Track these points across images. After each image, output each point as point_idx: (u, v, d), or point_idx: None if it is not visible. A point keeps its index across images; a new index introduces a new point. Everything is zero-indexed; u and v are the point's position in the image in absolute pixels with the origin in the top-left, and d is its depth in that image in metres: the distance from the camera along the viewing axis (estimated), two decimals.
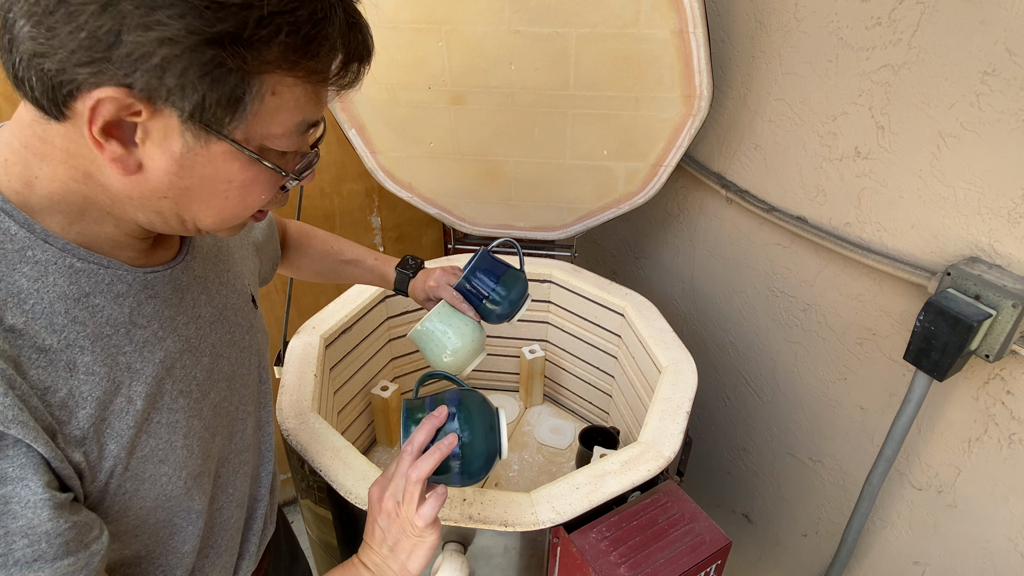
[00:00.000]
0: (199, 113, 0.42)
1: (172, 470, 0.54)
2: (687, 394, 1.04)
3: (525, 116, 1.23)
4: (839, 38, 1.01)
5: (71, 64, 0.39)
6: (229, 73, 0.41)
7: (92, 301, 0.48)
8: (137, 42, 0.38)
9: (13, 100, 1.22)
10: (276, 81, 0.44)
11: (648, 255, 1.66)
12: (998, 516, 0.97)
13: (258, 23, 0.40)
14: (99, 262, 0.49)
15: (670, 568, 0.80)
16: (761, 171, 1.24)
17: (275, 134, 0.47)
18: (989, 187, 0.87)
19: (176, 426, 0.55)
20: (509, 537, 0.86)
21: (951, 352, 0.87)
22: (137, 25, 0.38)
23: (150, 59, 0.39)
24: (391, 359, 1.42)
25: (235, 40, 0.40)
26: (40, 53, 0.39)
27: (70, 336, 0.47)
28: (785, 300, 1.26)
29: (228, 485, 0.66)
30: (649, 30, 1.08)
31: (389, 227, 1.77)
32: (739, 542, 1.55)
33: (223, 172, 0.46)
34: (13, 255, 0.45)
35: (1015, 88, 0.81)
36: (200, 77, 0.40)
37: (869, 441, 1.16)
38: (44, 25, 0.38)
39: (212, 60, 0.40)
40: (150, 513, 0.54)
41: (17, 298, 0.44)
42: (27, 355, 0.44)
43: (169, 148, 0.44)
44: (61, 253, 0.47)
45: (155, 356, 0.53)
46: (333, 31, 0.44)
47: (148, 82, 0.40)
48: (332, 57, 0.46)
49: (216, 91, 0.41)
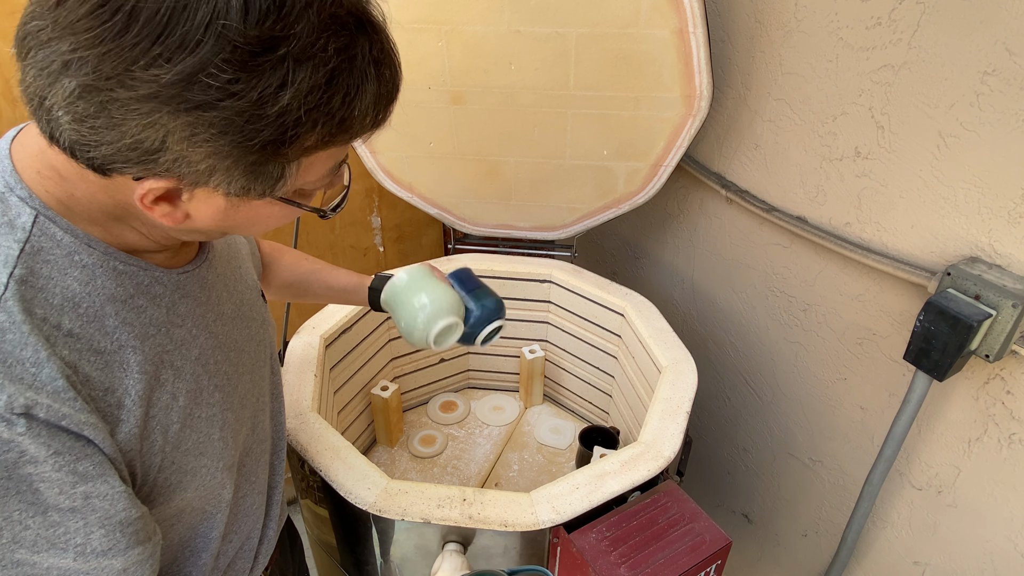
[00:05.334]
0: (244, 193, 0.45)
1: (211, 461, 0.57)
2: (687, 394, 1.04)
3: (525, 116, 1.23)
4: (839, 38, 1.01)
5: (118, 160, 0.40)
6: (270, 167, 0.43)
7: (137, 302, 0.50)
8: (183, 151, 0.40)
9: (14, 100, 1.22)
10: (309, 157, 0.45)
11: (648, 255, 1.66)
12: (998, 516, 0.97)
13: (295, 124, 0.41)
14: (138, 264, 0.50)
15: (670, 568, 0.80)
16: (761, 171, 1.24)
17: (311, 181, 0.48)
18: (989, 187, 0.87)
19: (213, 419, 0.57)
20: (509, 537, 0.86)
21: (951, 352, 0.87)
22: (182, 139, 0.39)
23: (197, 165, 0.41)
24: (391, 359, 1.42)
25: (278, 144, 0.41)
26: (84, 143, 0.40)
27: (121, 337, 0.48)
28: (785, 300, 1.26)
29: (251, 473, 0.68)
30: (649, 30, 1.08)
31: (389, 227, 1.77)
32: (739, 542, 1.55)
33: (264, 214, 0.50)
34: (63, 260, 0.46)
35: (1015, 88, 0.81)
36: (245, 175, 0.43)
37: (869, 441, 1.16)
38: (86, 125, 0.39)
39: (255, 162, 0.42)
40: (188, 503, 0.57)
41: (72, 302, 0.45)
42: (86, 358, 0.45)
43: (214, 204, 0.46)
44: (105, 256, 0.48)
45: (191, 353, 0.55)
46: (366, 102, 0.44)
47: (196, 179, 0.42)
48: (366, 123, 0.46)
49: (259, 181, 0.44)
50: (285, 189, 0.46)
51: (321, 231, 1.65)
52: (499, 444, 1.40)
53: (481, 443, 1.41)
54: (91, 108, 0.38)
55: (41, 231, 0.45)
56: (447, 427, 1.45)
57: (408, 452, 1.38)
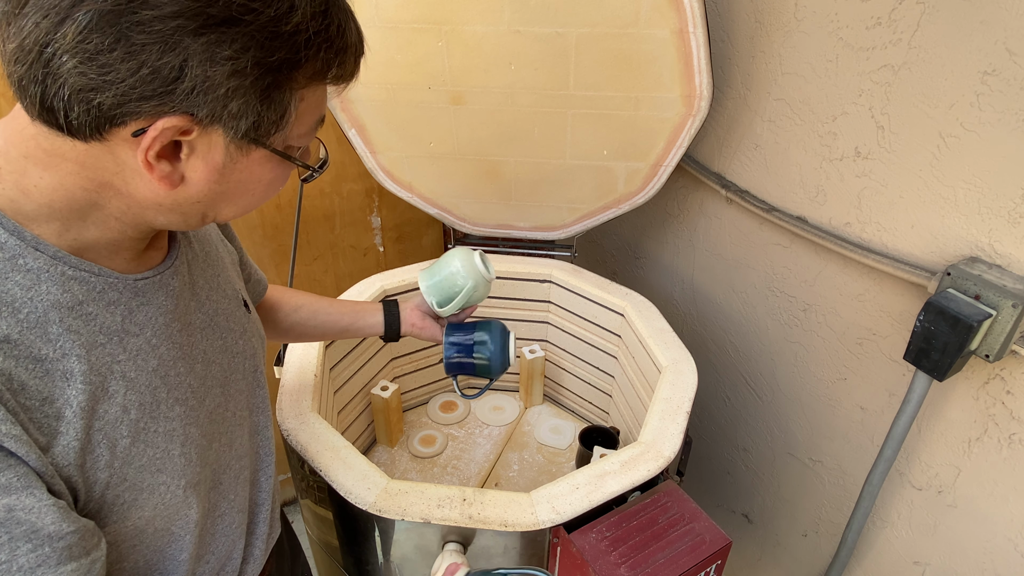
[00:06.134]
0: (253, 131, 0.45)
1: (170, 479, 0.54)
2: (687, 394, 1.04)
3: (525, 116, 1.23)
4: (839, 38, 1.01)
5: (131, 98, 0.40)
6: (282, 93, 0.45)
7: (85, 309, 0.48)
8: (204, 75, 0.41)
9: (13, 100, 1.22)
10: (308, 89, 0.48)
11: (648, 255, 1.66)
12: (998, 516, 0.97)
13: (305, 45, 0.44)
14: (90, 270, 0.48)
15: (670, 568, 0.80)
16: (761, 171, 1.24)
17: (299, 134, 0.50)
18: (989, 187, 0.87)
19: (173, 434, 0.54)
20: (509, 537, 0.86)
21: (951, 352, 0.87)
22: (204, 60, 0.40)
23: (216, 90, 0.41)
24: (391, 359, 1.42)
25: (290, 65, 0.44)
26: (91, 88, 0.40)
27: (65, 345, 0.46)
28: (785, 300, 1.26)
29: (229, 491, 0.65)
30: (649, 30, 1.08)
31: (389, 227, 1.77)
32: (739, 542, 1.55)
33: (257, 174, 0.50)
34: (4, 263, 0.44)
35: (1015, 88, 0.81)
36: (260, 101, 0.44)
37: (869, 441, 1.16)
38: (96, 63, 0.39)
39: (271, 85, 0.44)
40: (148, 523, 0.54)
41: (11, 307, 0.44)
42: (23, 365, 0.44)
43: (212, 160, 0.46)
44: (52, 261, 0.46)
45: (149, 364, 0.52)
46: (352, 38, 0.48)
47: (212, 110, 0.42)
48: (351, 59, 0.49)
49: (270, 111, 0.45)
50: (283, 137, 0.48)
51: (321, 231, 1.65)
52: (499, 444, 1.40)
53: (481, 443, 1.41)
54: (106, 40, 0.38)
55: None
56: (447, 427, 1.45)
57: (408, 452, 1.38)
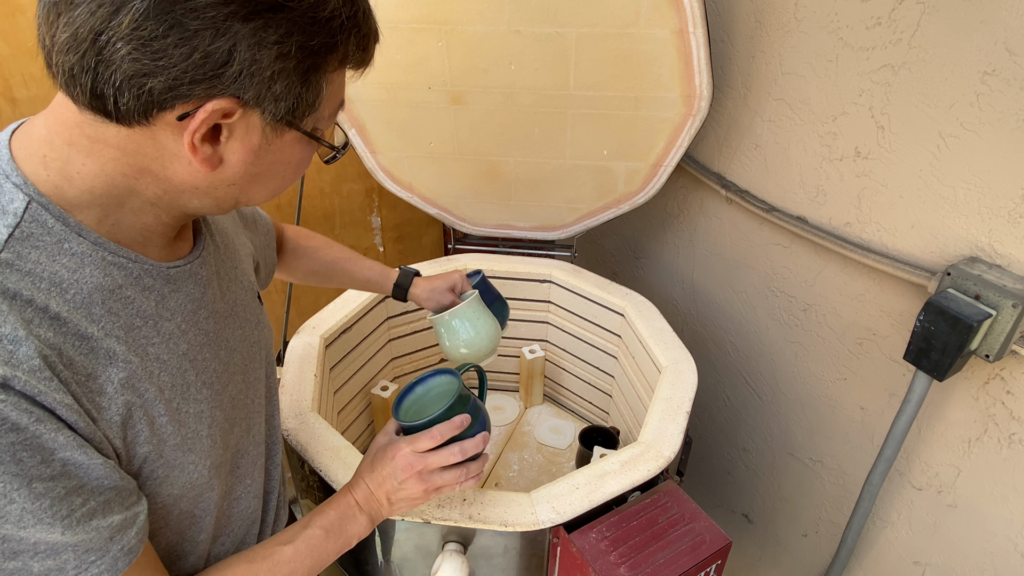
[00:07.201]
0: (289, 113, 0.48)
1: (198, 459, 0.57)
2: (687, 394, 1.04)
3: (525, 116, 1.23)
4: (839, 38, 1.01)
5: (183, 83, 0.43)
6: (318, 76, 0.48)
7: (124, 293, 0.51)
8: (252, 59, 0.43)
9: (13, 100, 1.22)
10: (336, 73, 0.50)
11: (648, 255, 1.66)
12: (998, 516, 0.97)
13: (340, 30, 0.47)
14: (127, 256, 0.51)
15: (670, 568, 0.80)
16: (761, 171, 1.24)
17: (325, 116, 0.52)
18: (989, 187, 0.87)
19: (201, 416, 0.57)
20: (509, 537, 0.86)
21: (951, 352, 0.87)
22: (252, 44, 0.43)
23: (263, 73, 0.44)
24: (391, 359, 1.42)
25: (327, 48, 0.47)
26: (145, 73, 0.42)
27: (107, 326, 0.49)
28: (785, 300, 1.26)
29: (246, 476, 0.68)
30: (649, 30, 1.08)
31: (389, 227, 1.77)
32: (739, 542, 1.55)
33: (287, 156, 0.52)
34: (52, 247, 0.47)
35: (1015, 88, 0.81)
36: (301, 84, 0.47)
37: (869, 441, 1.16)
38: (150, 48, 0.41)
39: (311, 68, 0.47)
40: (176, 502, 0.57)
41: (59, 288, 0.46)
42: (71, 342, 0.46)
43: (249, 141, 0.48)
44: (94, 246, 0.49)
45: (179, 348, 0.55)
46: (374, 25, 0.51)
47: (258, 92, 0.45)
48: (372, 44, 0.52)
49: (308, 93, 0.48)
50: (313, 119, 0.51)
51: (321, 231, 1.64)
52: (499, 444, 1.40)
53: None
54: (161, 27, 0.40)
55: (32, 217, 0.46)
56: None
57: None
